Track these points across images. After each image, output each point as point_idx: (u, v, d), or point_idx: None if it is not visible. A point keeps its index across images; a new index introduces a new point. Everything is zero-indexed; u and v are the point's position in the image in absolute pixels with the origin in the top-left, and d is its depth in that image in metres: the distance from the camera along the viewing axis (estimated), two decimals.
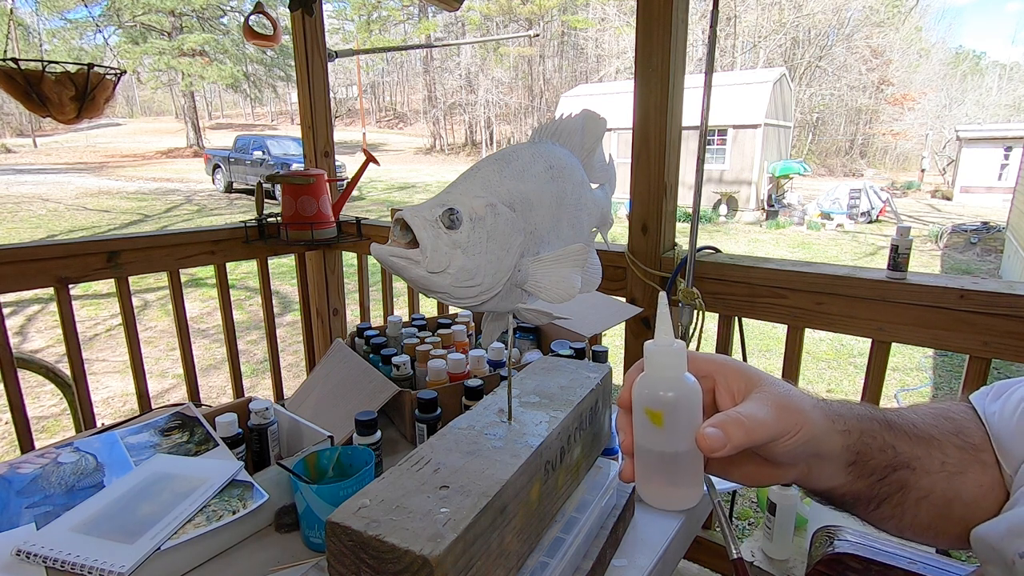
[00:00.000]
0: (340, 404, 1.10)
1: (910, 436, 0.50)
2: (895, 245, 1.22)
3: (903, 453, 0.49)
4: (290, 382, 3.43)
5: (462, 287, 0.52)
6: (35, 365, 2.03)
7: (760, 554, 1.15)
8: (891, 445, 0.49)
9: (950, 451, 0.50)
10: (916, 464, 0.49)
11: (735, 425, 0.42)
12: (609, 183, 0.73)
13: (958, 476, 0.49)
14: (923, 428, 0.50)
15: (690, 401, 0.43)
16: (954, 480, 0.49)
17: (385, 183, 17.74)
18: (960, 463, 0.49)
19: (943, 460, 0.49)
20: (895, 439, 0.49)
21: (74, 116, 1.79)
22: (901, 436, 0.49)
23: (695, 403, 0.44)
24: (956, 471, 0.49)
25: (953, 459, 0.49)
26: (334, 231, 2.03)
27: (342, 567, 0.50)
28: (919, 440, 0.50)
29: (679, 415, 0.43)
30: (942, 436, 0.50)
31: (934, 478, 0.49)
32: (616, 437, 0.89)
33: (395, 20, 31.53)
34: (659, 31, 1.37)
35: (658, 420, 0.43)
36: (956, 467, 0.49)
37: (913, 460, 0.49)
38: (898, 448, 0.49)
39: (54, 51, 20.90)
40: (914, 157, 27.35)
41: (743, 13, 27.27)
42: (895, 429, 0.50)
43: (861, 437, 0.48)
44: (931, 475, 0.49)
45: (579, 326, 1.25)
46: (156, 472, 0.87)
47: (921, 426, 0.51)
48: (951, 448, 0.50)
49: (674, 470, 0.44)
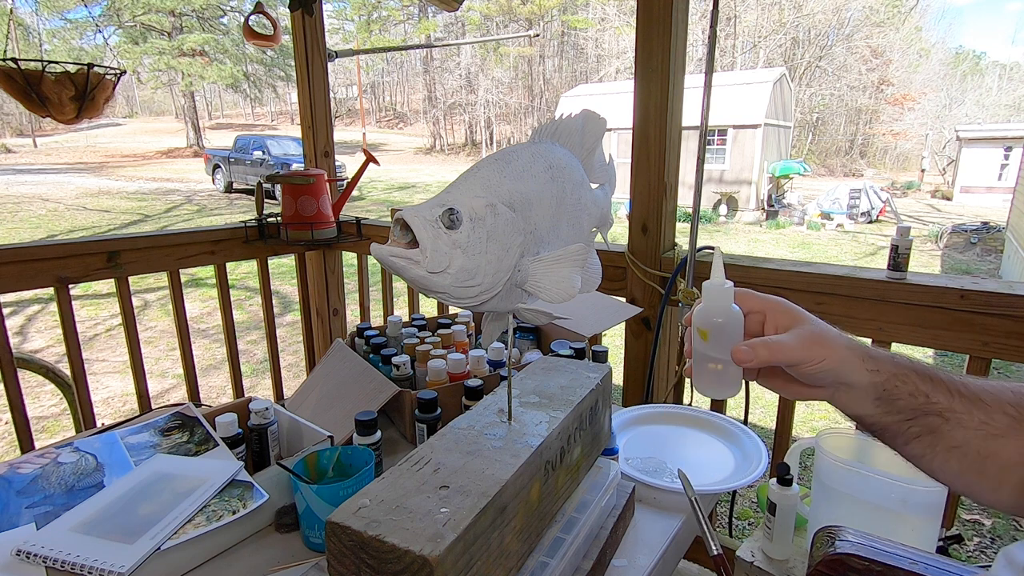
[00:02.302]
0: (340, 404, 1.10)
1: (952, 391, 0.53)
2: (895, 245, 1.22)
3: (937, 403, 0.53)
4: (290, 382, 3.43)
5: (462, 287, 0.52)
6: (35, 365, 2.03)
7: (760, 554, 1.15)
8: (924, 393, 0.54)
9: (997, 416, 0.52)
10: (950, 415, 0.53)
11: (763, 346, 0.54)
12: (609, 183, 0.73)
13: (999, 438, 0.52)
14: (974, 389, 0.54)
15: (730, 325, 0.56)
16: (992, 440, 0.52)
17: (385, 183, 17.74)
18: (1005, 427, 0.52)
19: (984, 420, 0.52)
20: (931, 389, 0.54)
21: (74, 116, 1.78)
22: (941, 388, 0.54)
23: (735, 327, 0.56)
24: (997, 433, 0.52)
25: (998, 423, 0.52)
26: (334, 231, 2.03)
27: (342, 567, 0.50)
28: (963, 397, 0.53)
29: (722, 334, 0.56)
30: (993, 402, 0.53)
31: (969, 433, 0.52)
32: (614, 438, 0.89)
33: (395, 20, 31.54)
34: (659, 31, 1.37)
35: (705, 336, 0.57)
36: (998, 430, 0.52)
37: (947, 411, 0.53)
38: (932, 397, 0.53)
39: (54, 51, 20.89)
40: (914, 157, 27.36)
41: (743, 13, 27.26)
42: (936, 382, 0.54)
43: (891, 379, 0.55)
44: (966, 429, 0.52)
45: (579, 326, 1.25)
46: (156, 472, 0.87)
47: (973, 387, 0.54)
48: (999, 414, 0.52)
49: (717, 373, 0.58)
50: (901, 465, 0.66)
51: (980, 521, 2.61)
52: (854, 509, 1.09)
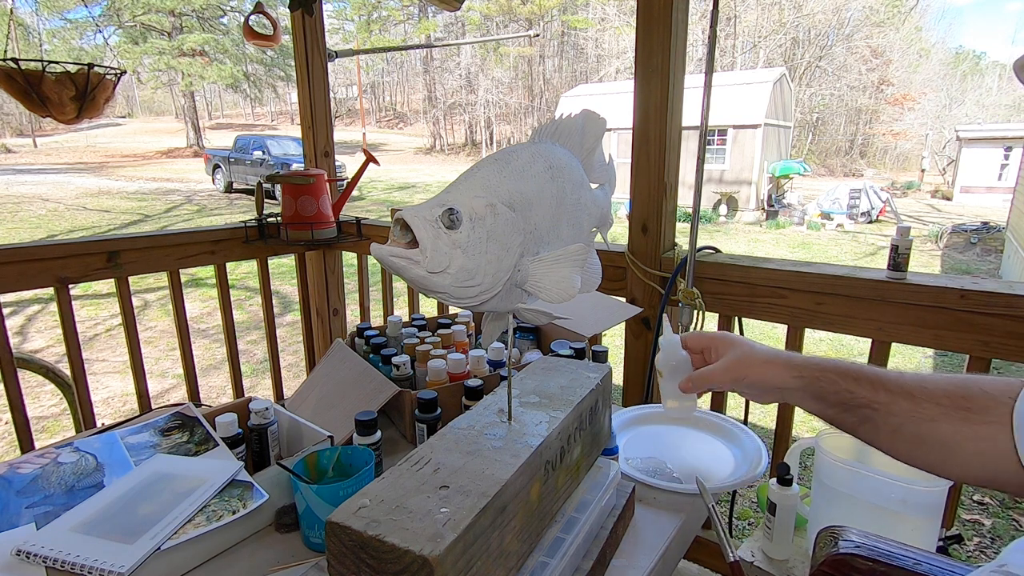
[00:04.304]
0: (340, 404, 1.10)
1: (877, 386, 0.64)
2: (895, 245, 1.22)
3: (862, 396, 0.64)
4: (290, 382, 3.43)
5: (462, 287, 0.52)
6: (35, 365, 2.03)
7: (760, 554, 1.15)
8: (847, 389, 0.65)
9: (925, 405, 0.61)
10: (878, 406, 0.63)
11: (697, 378, 0.74)
12: (609, 183, 0.73)
13: (930, 422, 0.61)
14: (904, 383, 0.63)
15: (680, 366, 0.77)
16: (923, 424, 0.61)
17: (385, 183, 17.74)
18: (935, 415, 0.61)
19: (912, 409, 0.62)
20: (855, 385, 0.65)
21: (74, 116, 1.78)
22: (864, 384, 0.64)
23: (684, 366, 0.77)
24: (927, 419, 0.61)
25: (926, 411, 0.61)
26: (334, 231, 2.03)
27: (342, 567, 0.50)
28: (887, 391, 0.63)
29: (675, 372, 0.77)
30: (923, 394, 0.62)
31: (900, 419, 0.62)
32: (614, 438, 0.89)
33: (395, 20, 31.53)
34: (659, 31, 1.37)
35: (660, 375, 0.78)
36: (928, 416, 0.61)
37: (874, 403, 0.63)
38: (856, 392, 0.64)
39: (54, 51, 20.87)
40: (914, 157, 27.34)
41: (743, 13, 27.26)
42: (860, 379, 0.65)
43: (815, 381, 0.67)
44: (896, 416, 0.62)
45: (579, 326, 1.25)
46: (156, 472, 0.87)
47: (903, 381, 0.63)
48: (928, 404, 0.61)
49: (677, 398, 0.77)
50: (901, 465, 0.66)
51: (980, 521, 2.61)
52: (854, 509, 1.09)
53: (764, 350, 0.72)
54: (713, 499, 0.81)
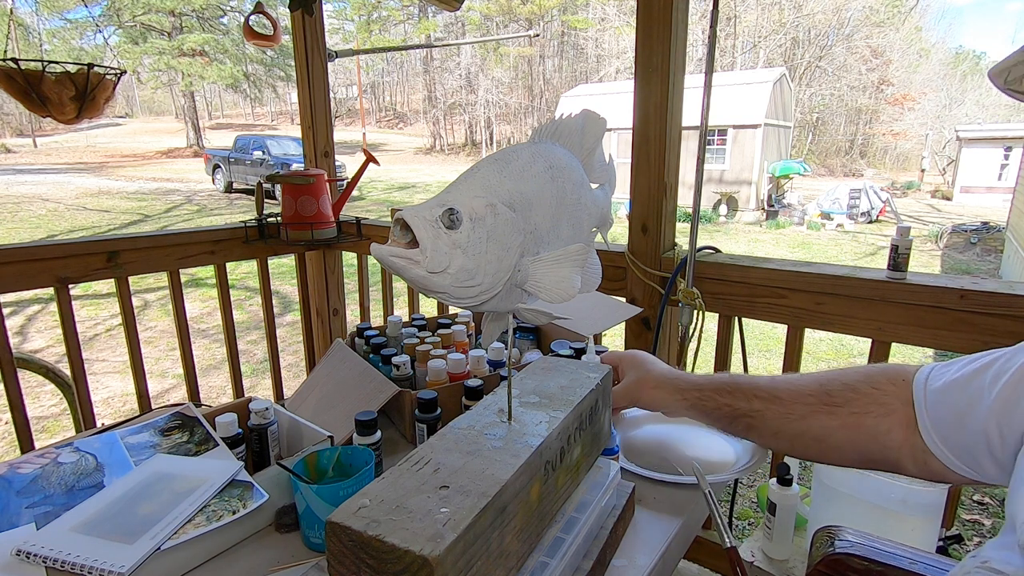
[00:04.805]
0: (340, 404, 1.10)
1: (750, 396, 0.73)
2: (895, 245, 1.22)
3: (739, 408, 0.73)
4: (290, 382, 3.43)
5: (462, 287, 0.52)
6: (35, 365, 2.03)
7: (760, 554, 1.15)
8: (726, 403, 0.74)
9: (794, 407, 0.70)
10: (755, 414, 0.72)
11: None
12: (609, 183, 0.73)
13: (801, 420, 0.69)
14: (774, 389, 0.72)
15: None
16: (797, 423, 0.70)
17: (385, 183, 17.74)
18: (804, 413, 0.69)
19: (783, 412, 0.70)
20: (731, 399, 0.74)
21: (74, 116, 1.78)
22: (740, 396, 0.73)
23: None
24: (798, 417, 0.70)
25: (796, 411, 0.70)
26: (334, 231, 2.03)
27: (342, 567, 0.50)
28: (759, 399, 0.72)
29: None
30: (790, 396, 0.71)
31: (778, 422, 0.71)
32: (614, 438, 0.89)
33: (395, 20, 31.53)
34: (659, 31, 1.37)
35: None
36: (799, 416, 0.70)
37: (751, 412, 0.72)
38: (733, 405, 0.74)
39: (54, 51, 20.87)
40: (914, 157, 27.33)
41: (743, 13, 27.25)
42: (735, 392, 0.74)
43: (697, 402, 0.77)
44: (774, 420, 0.71)
45: (579, 326, 1.25)
46: (156, 472, 0.87)
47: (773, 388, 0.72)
48: (796, 404, 0.70)
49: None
50: None
51: (980, 521, 2.61)
52: (854, 509, 1.09)
53: (658, 373, 0.80)
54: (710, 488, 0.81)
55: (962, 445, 0.59)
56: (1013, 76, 0.53)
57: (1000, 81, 0.54)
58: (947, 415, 0.60)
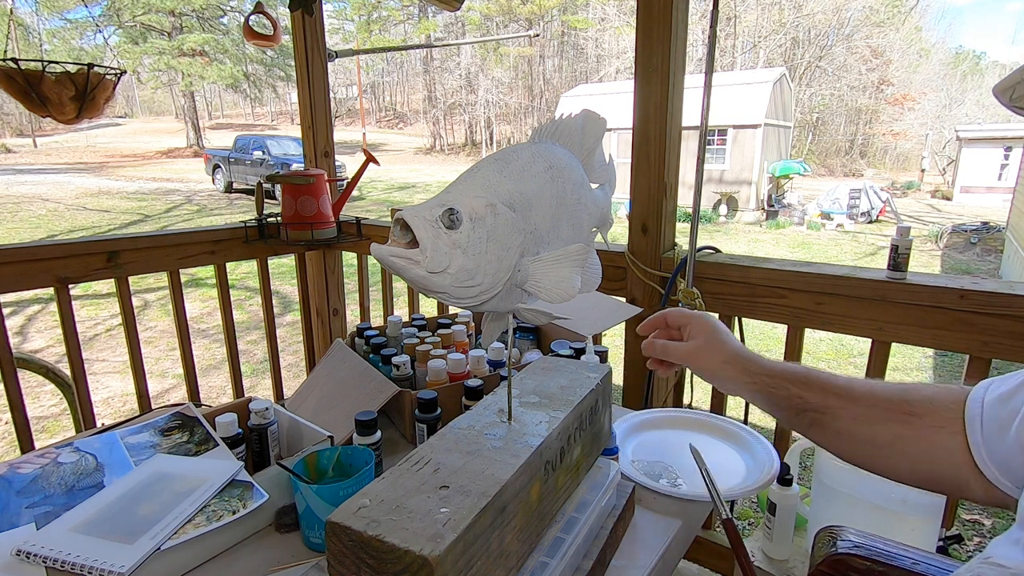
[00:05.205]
0: (340, 404, 1.10)
1: (827, 391, 0.68)
2: (895, 245, 1.22)
3: (812, 402, 0.68)
4: (290, 382, 3.43)
5: (462, 287, 0.52)
6: (35, 365, 2.03)
7: (760, 554, 1.15)
8: (798, 395, 0.69)
9: (870, 410, 0.66)
10: (826, 410, 0.67)
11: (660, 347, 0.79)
12: (609, 183, 0.73)
13: (873, 425, 0.65)
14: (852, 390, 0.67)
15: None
16: (867, 427, 0.66)
17: (385, 183, 17.73)
18: (877, 418, 0.65)
19: (857, 414, 0.66)
20: (805, 391, 0.69)
21: (74, 116, 1.78)
22: (815, 390, 0.69)
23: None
24: (871, 422, 0.65)
25: (871, 415, 0.65)
26: (334, 231, 2.03)
27: (342, 567, 0.50)
28: (836, 396, 0.68)
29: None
30: (868, 400, 0.66)
31: (849, 423, 0.66)
32: (614, 438, 0.89)
33: (395, 20, 31.52)
34: (659, 31, 1.37)
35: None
36: (868, 421, 0.65)
37: (823, 407, 0.68)
38: (806, 398, 0.69)
39: (54, 51, 20.87)
40: (914, 157, 27.32)
41: (743, 13, 27.25)
42: (811, 385, 0.69)
43: (766, 387, 0.71)
44: (845, 421, 0.66)
45: (579, 326, 1.25)
46: (156, 472, 0.87)
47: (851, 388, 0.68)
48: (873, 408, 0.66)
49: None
50: None
51: (980, 521, 2.61)
52: (854, 509, 1.09)
53: (731, 348, 0.75)
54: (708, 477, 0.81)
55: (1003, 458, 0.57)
56: (1018, 93, 0.53)
57: (1006, 98, 0.54)
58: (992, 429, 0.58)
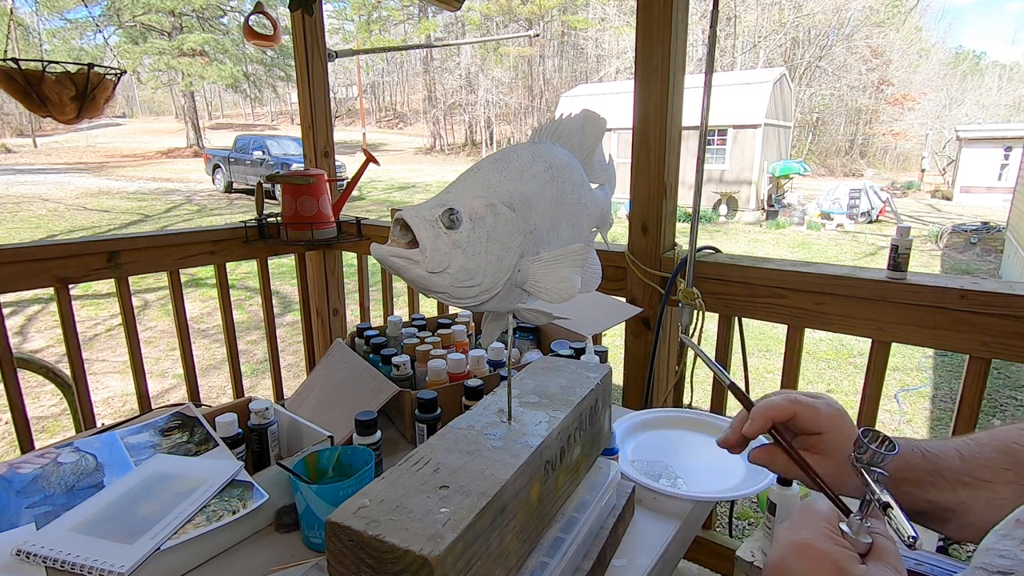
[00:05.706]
0: (340, 404, 1.10)
1: (955, 485, 0.58)
2: (895, 245, 1.22)
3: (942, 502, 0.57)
4: (290, 382, 3.43)
5: (462, 287, 0.52)
6: (35, 365, 2.03)
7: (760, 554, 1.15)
8: (927, 501, 0.58)
9: (1001, 488, 0.56)
10: (956, 507, 0.57)
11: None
12: (609, 183, 0.73)
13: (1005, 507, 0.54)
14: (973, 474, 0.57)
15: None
16: (1000, 510, 0.54)
17: (385, 183, 17.74)
18: (1011, 496, 0.55)
19: (990, 497, 0.56)
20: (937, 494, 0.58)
21: (74, 116, 1.78)
22: (945, 488, 0.58)
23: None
24: (1005, 503, 0.55)
25: (1003, 495, 0.56)
26: (334, 231, 2.03)
27: (342, 567, 0.50)
28: (965, 486, 0.57)
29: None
30: (995, 476, 0.56)
31: (980, 513, 0.56)
32: (614, 438, 0.89)
33: (395, 20, 31.52)
34: (659, 31, 1.37)
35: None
36: (1006, 501, 0.55)
37: (957, 505, 0.57)
38: (937, 501, 0.58)
39: (54, 51, 20.87)
40: (914, 157, 27.32)
41: (743, 13, 27.25)
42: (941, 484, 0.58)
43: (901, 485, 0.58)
44: (981, 510, 0.56)
45: (579, 326, 1.25)
46: (156, 472, 0.87)
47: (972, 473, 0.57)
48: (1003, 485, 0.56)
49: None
50: None
51: None
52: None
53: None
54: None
55: None
56: None
57: None
58: None
